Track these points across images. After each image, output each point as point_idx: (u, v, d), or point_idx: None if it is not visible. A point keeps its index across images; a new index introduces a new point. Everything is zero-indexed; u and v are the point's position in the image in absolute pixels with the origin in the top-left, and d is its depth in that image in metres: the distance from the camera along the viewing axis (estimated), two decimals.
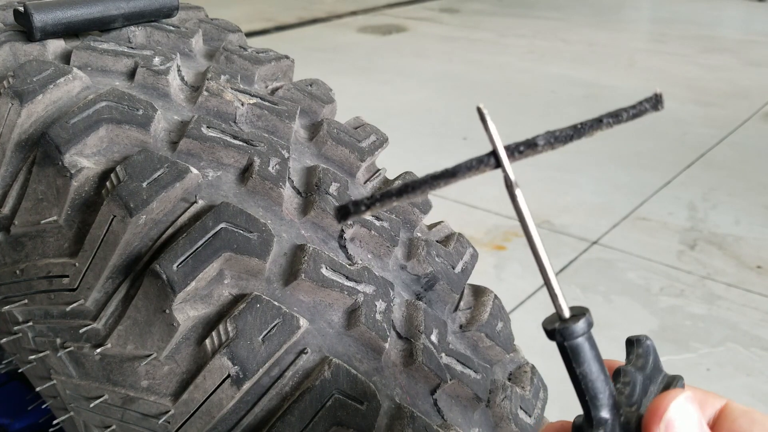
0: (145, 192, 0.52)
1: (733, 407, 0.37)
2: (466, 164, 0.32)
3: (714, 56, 4.25)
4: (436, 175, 0.31)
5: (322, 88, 0.74)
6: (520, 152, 0.32)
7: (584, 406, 0.34)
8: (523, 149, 0.32)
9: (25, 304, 0.61)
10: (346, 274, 0.55)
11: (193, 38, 0.72)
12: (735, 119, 3.19)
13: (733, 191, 2.50)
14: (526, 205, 0.33)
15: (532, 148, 0.31)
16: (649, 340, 0.40)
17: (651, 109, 0.32)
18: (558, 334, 0.33)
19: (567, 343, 0.33)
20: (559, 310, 0.34)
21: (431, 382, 0.57)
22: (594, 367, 0.34)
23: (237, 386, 0.49)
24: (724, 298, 1.88)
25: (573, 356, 0.34)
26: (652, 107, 0.32)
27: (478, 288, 0.68)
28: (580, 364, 0.34)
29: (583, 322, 0.33)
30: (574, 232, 2.22)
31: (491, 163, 0.32)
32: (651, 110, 0.32)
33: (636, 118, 0.32)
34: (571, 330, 0.33)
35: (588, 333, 0.33)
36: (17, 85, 0.59)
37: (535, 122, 3.09)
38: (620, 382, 0.37)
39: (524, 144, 0.32)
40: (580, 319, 0.33)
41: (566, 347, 0.33)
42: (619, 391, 0.36)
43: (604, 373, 0.34)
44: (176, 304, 0.50)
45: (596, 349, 0.34)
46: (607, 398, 0.34)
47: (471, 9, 5.68)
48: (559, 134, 0.31)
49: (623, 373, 0.37)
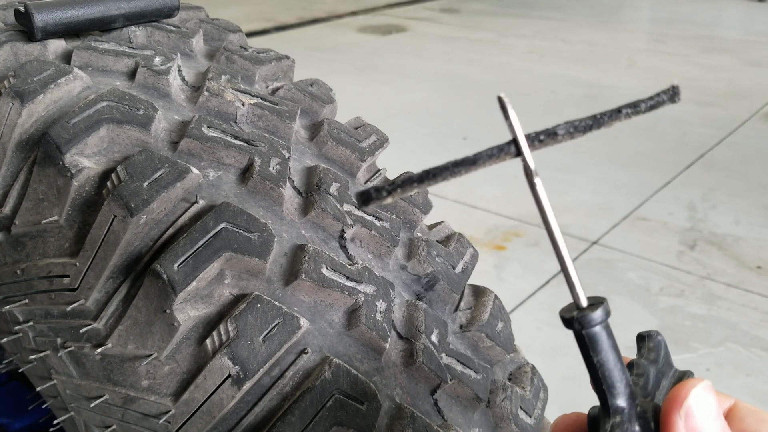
0: (146, 192, 0.52)
1: (741, 406, 0.38)
2: (486, 152, 0.32)
3: (714, 56, 4.25)
4: (457, 162, 0.31)
5: (323, 88, 0.74)
6: (540, 141, 0.32)
7: (601, 396, 0.35)
8: (543, 138, 0.32)
9: (26, 304, 0.61)
10: (346, 274, 0.55)
11: (193, 38, 0.72)
12: (735, 119, 3.19)
13: (733, 191, 2.50)
14: (545, 193, 0.33)
15: (552, 137, 0.32)
16: (660, 336, 0.40)
17: (668, 101, 0.33)
18: (576, 322, 0.33)
19: (585, 332, 0.33)
20: (576, 299, 0.34)
21: (431, 383, 0.57)
22: (611, 356, 0.34)
23: (237, 386, 0.49)
24: (723, 299, 1.88)
25: (591, 345, 0.34)
26: (669, 99, 0.33)
27: (478, 288, 0.68)
28: (597, 353, 0.34)
29: (601, 310, 0.33)
30: (574, 232, 2.22)
31: (512, 151, 0.32)
32: (668, 102, 0.33)
33: (653, 110, 0.32)
34: (589, 318, 0.33)
35: (605, 322, 0.34)
36: (18, 84, 0.59)
37: (535, 122, 3.08)
38: (634, 374, 0.37)
39: (544, 133, 0.32)
40: (598, 307, 0.33)
41: (584, 335, 0.34)
42: (633, 382, 0.36)
43: (621, 362, 0.34)
44: (177, 304, 0.50)
45: (613, 338, 0.34)
46: (624, 387, 0.34)
47: (471, 9, 5.68)
48: (579, 124, 0.32)
49: (636, 365, 0.38)
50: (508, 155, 0.32)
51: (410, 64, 4.07)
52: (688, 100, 3.45)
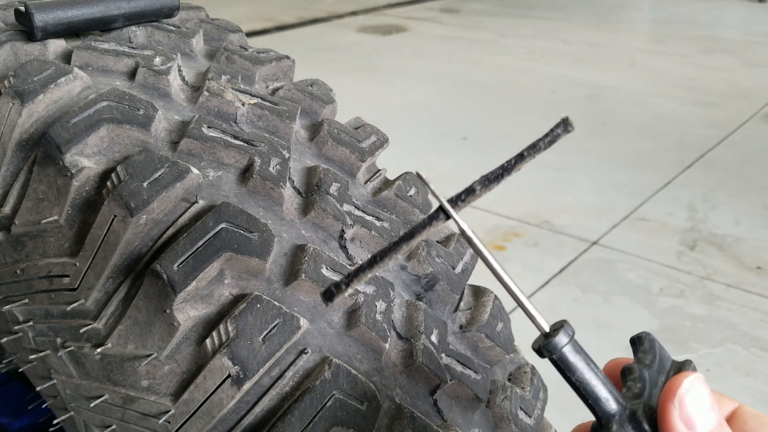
0: (146, 192, 0.52)
1: (744, 410, 0.39)
2: (420, 224, 0.35)
3: (714, 57, 4.25)
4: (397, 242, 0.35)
5: (323, 88, 0.74)
6: (462, 200, 0.35)
7: (591, 409, 0.36)
8: (465, 197, 0.35)
9: (26, 304, 0.61)
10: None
11: (193, 38, 0.72)
12: (735, 120, 3.19)
13: (733, 192, 2.50)
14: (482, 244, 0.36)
15: (472, 194, 0.35)
16: (650, 335, 0.42)
17: (563, 133, 0.35)
18: (544, 350, 0.36)
19: (554, 357, 0.36)
20: (539, 329, 0.36)
21: (431, 383, 0.57)
22: (587, 372, 0.36)
23: (237, 386, 0.49)
24: (723, 299, 1.88)
25: (564, 366, 0.36)
26: (563, 131, 0.35)
27: (478, 288, 0.68)
28: (573, 372, 0.36)
29: (562, 334, 0.36)
30: (574, 232, 2.22)
31: (441, 217, 0.35)
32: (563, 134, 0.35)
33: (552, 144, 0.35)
34: (553, 344, 0.36)
35: (570, 343, 0.36)
36: (18, 84, 0.59)
37: (536, 122, 3.09)
38: (629, 380, 0.39)
39: (464, 192, 0.35)
40: (559, 332, 0.36)
41: (555, 360, 0.36)
42: (629, 388, 0.38)
43: (599, 374, 0.36)
44: (177, 304, 0.50)
45: (584, 354, 0.36)
46: (609, 396, 0.36)
47: (471, 9, 5.68)
48: (491, 175, 0.35)
49: (629, 371, 0.39)
50: (440, 221, 0.35)
51: (410, 64, 4.07)
52: (688, 100, 3.45)
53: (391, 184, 0.68)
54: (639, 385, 0.38)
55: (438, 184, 0.33)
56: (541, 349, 0.36)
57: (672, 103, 3.39)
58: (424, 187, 0.34)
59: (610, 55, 4.29)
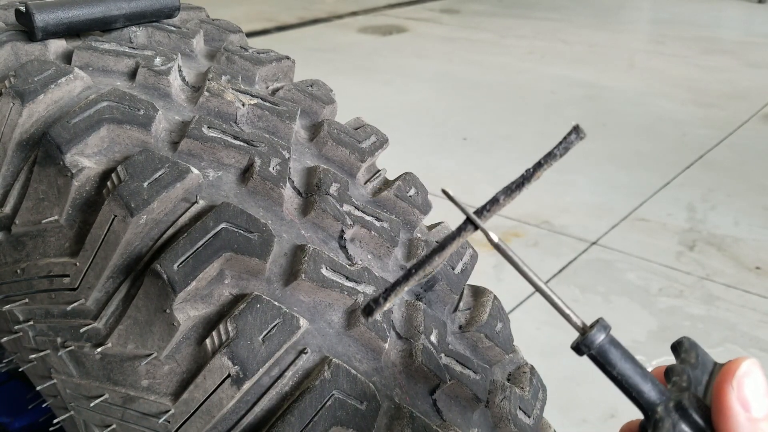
0: (146, 192, 0.52)
1: None
2: (450, 236, 0.37)
3: (714, 57, 4.25)
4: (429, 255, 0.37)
5: (323, 88, 0.74)
6: (488, 211, 0.37)
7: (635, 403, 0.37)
8: (490, 207, 0.37)
9: (26, 304, 0.61)
10: (346, 274, 0.55)
11: (194, 39, 0.72)
12: (734, 120, 3.19)
13: (733, 192, 2.50)
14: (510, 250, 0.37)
15: (496, 204, 0.37)
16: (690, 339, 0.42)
17: (576, 140, 0.36)
18: (583, 346, 0.37)
19: (593, 352, 0.37)
20: (576, 327, 0.37)
21: (431, 383, 0.57)
22: (627, 364, 0.37)
23: (237, 386, 0.49)
24: (722, 299, 1.89)
25: (604, 361, 0.37)
26: (576, 138, 0.36)
27: (477, 288, 0.68)
28: (613, 366, 0.37)
29: (598, 328, 0.36)
30: (574, 232, 2.22)
31: (470, 228, 0.37)
32: (577, 141, 0.36)
33: (567, 152, 0.37)
34: (590, 339, 0.36)
35: (608, 337, 0.37)
36: (19, 84, 0.59)
37: (535, 123, 3.09)
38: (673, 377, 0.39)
39: (489, 203, 0.37)
40: (594, 327, 0.37)
41: (594, 356, 0.37)
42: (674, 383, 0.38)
43: (639, 366, 0.37)
44: (177, 304, 0.50)
45: (622, 348, 0.37)
46: (652, 386, 0.37)
47: (471, 10, 5.68)
48: (513, 185, 0.37)
49: (673, 370, 0.40)
50: (469, 231, 0.37)
51: (410, 65, 4.07)
52: (687, 101, 3.45)
53: (391, 185, 0.68)
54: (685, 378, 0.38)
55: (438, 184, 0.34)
56: (579, 346, 0.37)
57: (671, 103, 3.39)
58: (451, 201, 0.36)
59: (609, 56, 4.29)
